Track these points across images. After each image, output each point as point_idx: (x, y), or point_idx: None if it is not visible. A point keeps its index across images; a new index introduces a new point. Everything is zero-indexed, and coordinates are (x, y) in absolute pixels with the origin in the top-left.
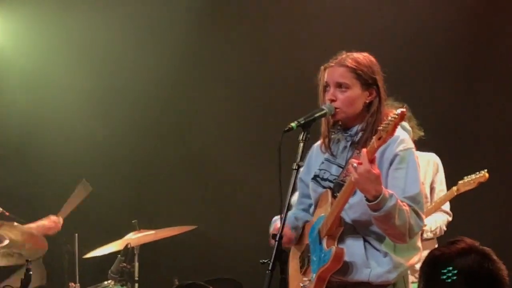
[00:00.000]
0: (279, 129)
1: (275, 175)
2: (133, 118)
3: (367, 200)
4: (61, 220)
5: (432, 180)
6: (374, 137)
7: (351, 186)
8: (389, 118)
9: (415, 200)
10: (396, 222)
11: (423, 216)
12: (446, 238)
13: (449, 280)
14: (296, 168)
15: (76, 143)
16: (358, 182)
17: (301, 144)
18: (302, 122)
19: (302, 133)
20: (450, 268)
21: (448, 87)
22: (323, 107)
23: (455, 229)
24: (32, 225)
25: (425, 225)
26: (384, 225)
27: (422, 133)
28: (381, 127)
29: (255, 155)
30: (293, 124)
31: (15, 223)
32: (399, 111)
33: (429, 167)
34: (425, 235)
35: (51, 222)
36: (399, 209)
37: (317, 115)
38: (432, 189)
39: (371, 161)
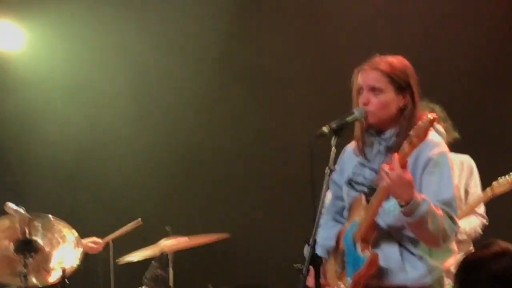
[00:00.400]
0: (311, 133)
1: (308, 179)
2: (168, 126)
3: (400, 205)
4: (103, 243)
5: (466, 183)
6: (405, 142)
7: (384, 191)
8: (420, 123)
9: (448, 204)
10: (429, 227)
11: (457, 220)
12: (482, 242)
13: (483, 284)
14: (328, 172)
15: (111, 151)
16: (391, 188)
17: (333, 149)
18: (334, 126)
19: (334, 138)
20: (485, 272)
21: (484, 87)
22: (354, 111)
23: (490, 233)
24: None
25: (459, 227)
26: (417, 230)
27: (456, 135)
28: (411, 132)
29: (287, 160)
30: (324, 129)
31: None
32: (430, 116)
33: (463, 170)
34: (459, 236)
35: (94, 243)
36: (432, 214)
37: (348, 119)
38: (466, 192)
39: (403, 166)
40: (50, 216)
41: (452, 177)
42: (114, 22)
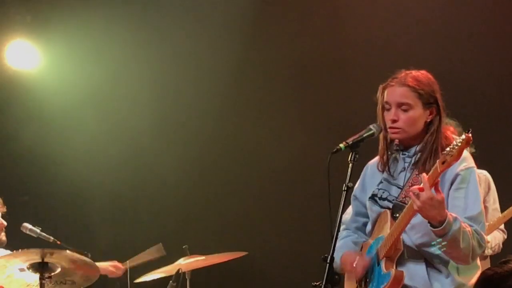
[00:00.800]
0: (327, 150)
1: (325, 197)
2: (185, 143)
3: (431, 225)
4: (124, 268)
5: (484, 199)
6: (437, 161)
7: (412, 212)
8: (454, 143)
9: (476, 220)
10: (460, 245)
11: (485, 236)
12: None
13: None
14: (345, 189)
15: (128, 170)
16: (422, 210)
17: (350, 165)
18: (350, 143)
19: (351, 154)
20: (504, 287)
21: (501, 101)
22: (371, 127)
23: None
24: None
25: (488, 242)
26: (449, 249)
27: (473, 150)
28: (445, 152)
29: (304, 177)
30: (341, 145)
31: (68, 251)
32: (464, 136)
33: (480, 185)
34: (486, 252)
35: (114, 267)
36: (463, 232)
37: (365, 135)
38: (485, 208)
39: (434, 186)
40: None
41: (479, 192)
42: (128, 38)
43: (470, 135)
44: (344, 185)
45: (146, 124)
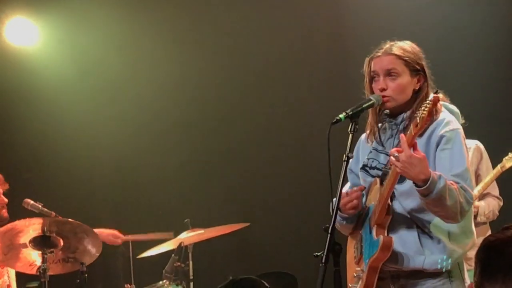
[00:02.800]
0: (326, 121)
1: (325, 168)
2: (182, 119)
3: (417, 185)
4: (123, 238)
5: (477, 168)
6: (412, 124)
7: (394, 175)
8: (424, 104)
9: (462, 177)
10: (447, 202)
11: (472, 193)
12: (498, 223)
13: (506, 267)
14: (346, 159)
15: (129, 147)
16: (403, 171)
17: (350, 135)
18: (350, 113)
19: (351, 125)
20: (507, 254)
21: (489, 71)
22: (371, 97)
23: (506, 215)
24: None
25: (478, 207)
26: (436, 208)
27: (463, 121)
28: (417, 114)
29: (303, 148)
30: (341, 116)
31: (70, 219)
32: (431, 96)
33: (473, 154)
34: (478, 219)
35: (114, 235)
36: (448, 189)
37: (365, 105)
38: (477, 176)
39: (412, 146)
40: (69, 220)
41: (465, 150)
42: (129, 15)
43: (438, 95)
44: (345, 155)
45: (146, 98)
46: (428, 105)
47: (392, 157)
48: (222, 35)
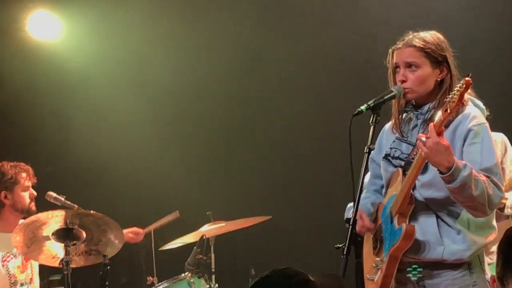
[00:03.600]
0: (348, 113)
1: (347, 159)
2: (204, 111)
3: (441, 173)
4: (143, 233)
5: (501, 161)
6: (441, 109)
7: (421, 161)
8: (455, 89)
9: (492, 171)
10: (473, 192)
11: (502, 187)
12: None
13: None
14: (368, 151)
15: (151, 140)
16: (429, 156)
17: (372, 127)
18: (372, 105)
19: (372, 116)
20: None
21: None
22: (392, 89)
23: None
24: None
25: (507, 199)
26: (461, 197)
27: (488, 113)
28: (447, 99)
29: (325, 140)
30: (362, 108)
31: (92, 211)
32: (464, 80)
33: (497, 147)
34: (505, 211)
35: (134, 232)
36: (475, 179)
37: (386, 97)
38: (502, 169)
39: (439, 133)
40: (91, 212)
41: (494, 145)
42: (153, 10)
43: (469, 78)
44: (366, 147)
45: (169, 91)
46: (460, 89)
47: (419, 141)
48: (237, 30)
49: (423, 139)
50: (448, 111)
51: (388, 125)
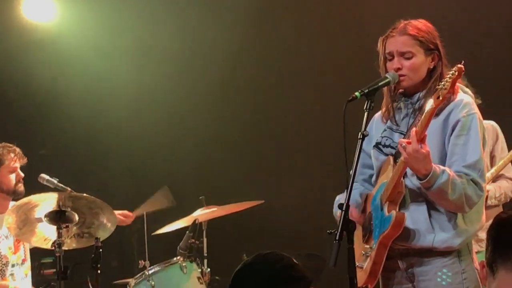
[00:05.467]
0: (342, 99)
1: (340, 145)
2: (199, 96)
3: (418, 178)
4: (133, 216)
5: (492, 149)
6: (433, 96)
7: (403, 165)
8: (447, 76)
9: (474, 168)
10: (449, 197)
11: (483, 184)
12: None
13: None
14: (361, 137)
15: (144, 124)
16: (408, 162)
17: (366, 113)
18: (366, 91)
19: (366, 102)
20: None
21: (505, 49)
22: (387, 75)
23: None
24: None
25: (489, 191)
26: (438, 200)
27: (479, 101)
28: (439, 86)
29: (318, 126)
30: (357, 93)
31: (85, 194)
32: (457, 67)
33: (488, 135)
34: (489, 202)
35: (124, 215)
36: (452, 183)
37: (380, 83)
38: (492, 157)
39: (421, 140)
40: (84, 195)
41: (480, 138)
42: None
43: (462, 66)
44: (360, 133)
45: (163, 75)
46: (452, 76)
47: (400, 146)
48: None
49: (404, 144)
50: (440, 98)
51: (378, 115)
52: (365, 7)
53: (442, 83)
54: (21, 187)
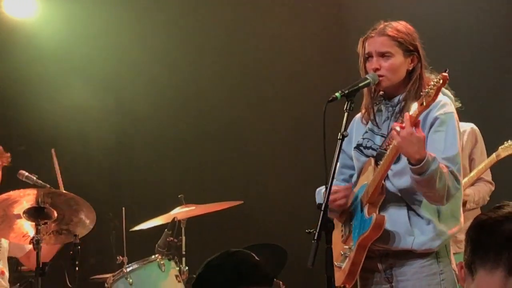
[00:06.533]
0: (321, 100)
1: (319, 146)
2: (178, 95)
3: (410, 163)
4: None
5: (471, 151)
6: (417, 103)
7: (394, 151)
8: (431, 83)
9: (453, 161)
10: (436, 185)
11: (461, 178)
12: (489, 207)
13: (496, 246)
14: (341, 138)
15: (126, 122)
16: (401, 146)
17: (346, 114)
18: (346, 92)
19: (346, 103)
20: (498, 233)
21: (485, 54)
22: (367, 76)
23: (497, 198)
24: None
25: (468, 195)
26: (425, 188)
27: (459, 104)
28: (423, 93)
29: (298, 127)
30: (337, 94)
31: (64, 191)
32: (441, 75)
33: (467, 138)
34: (468, 206)
35: None
36: (440, 172)
37: (361, 84)
38: (471, 160)
39: (415, 125)
40: (63, 191)
41: (458, 135)
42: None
43: (446, 74)
44: (340, 133)
45: (145, 72)
46: (437, 84)
47: (393, 130)
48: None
49: (398, 128)
50: (424, 105)
51: (358, 116)
52: (345, 5)
53: (427, 90)
54: None
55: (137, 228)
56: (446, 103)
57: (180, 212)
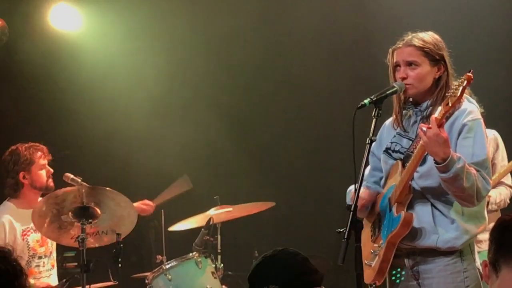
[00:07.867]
0: (351, 107)
1: (349, 149)
2: (214, 97)
3: (436, 162)
4: (153, 205)
5: (493, 157)
6: (442, 104)
7: (421, 152)
8: (456, 83)
9: (482, 166)
10: (464, 184)
11: (490, 181)
12: (509, 210)
13: None
14: (369, 142)
15: (163, 123)
16: (428, 145)
17: (374, 120)
18: (374, 99)
19: (374, 110)
20: None
21: (508, 61)
22: (394, 84)
23: None
24: None
25: (490, 196)
26: (453, 187)
27: (482, 110)
28: (449, 93)
29: (330, 131)
30: (365, 101)
31: (108, 188)
32: (466, 75)
33: (489, 144)
34: (489, 207)
35: (145, 204)
36: (466, 172)
37: (388, 92)
38: (493, 165)
39: (440, 125)
40: (106, 188)
41: (486, 141)
42: (170, 5)
43: (470, 74)
44: (368, 138)
45: (180, 76)
46: (461, 84)
47: (420, 130)
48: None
49: (424, 129)
50: (450, 105)
51: (388, 121)
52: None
53: (452, 90)
54: (51, 183)
55: (175, 227)
56: (472, 110)
57: (216, 213)
